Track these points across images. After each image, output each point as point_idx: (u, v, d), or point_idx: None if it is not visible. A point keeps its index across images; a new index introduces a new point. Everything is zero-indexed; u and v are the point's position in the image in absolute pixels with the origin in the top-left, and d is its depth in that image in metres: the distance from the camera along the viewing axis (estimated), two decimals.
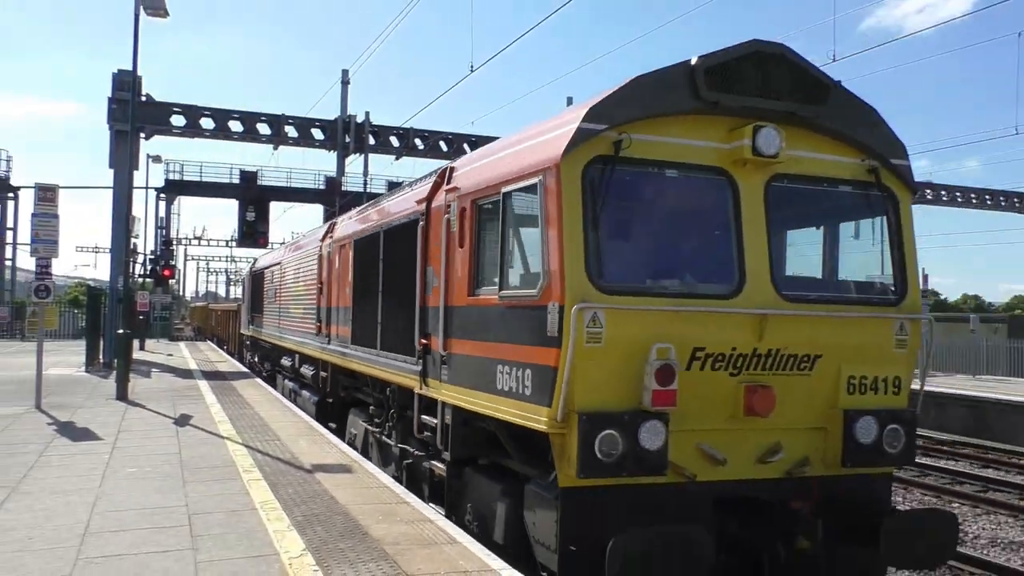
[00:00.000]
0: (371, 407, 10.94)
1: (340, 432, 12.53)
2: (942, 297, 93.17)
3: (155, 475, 8.57)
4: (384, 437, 10.13)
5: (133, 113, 22.87)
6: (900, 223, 6.76)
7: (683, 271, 6.31)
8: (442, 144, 31.64)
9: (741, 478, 6.11)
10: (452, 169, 7.93)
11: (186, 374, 21.71)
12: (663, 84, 5.97)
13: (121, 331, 16.96)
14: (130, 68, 18.61)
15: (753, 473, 6.16)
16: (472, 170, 7.43)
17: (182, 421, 12.58)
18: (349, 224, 12.30)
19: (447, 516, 7.60)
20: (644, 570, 5.30)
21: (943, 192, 41.44)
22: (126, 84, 24.92)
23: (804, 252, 7.36)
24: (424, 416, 8.17)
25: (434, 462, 8.16)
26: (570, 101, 37.45)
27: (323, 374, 13.65)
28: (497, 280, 6.59)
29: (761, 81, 6.12)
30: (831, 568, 6.30)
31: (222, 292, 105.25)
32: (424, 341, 7.99)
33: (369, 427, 10.90)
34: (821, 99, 6.32)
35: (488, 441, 7.17)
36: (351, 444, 11.46)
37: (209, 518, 6.86)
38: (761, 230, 6.15)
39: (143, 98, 26.59)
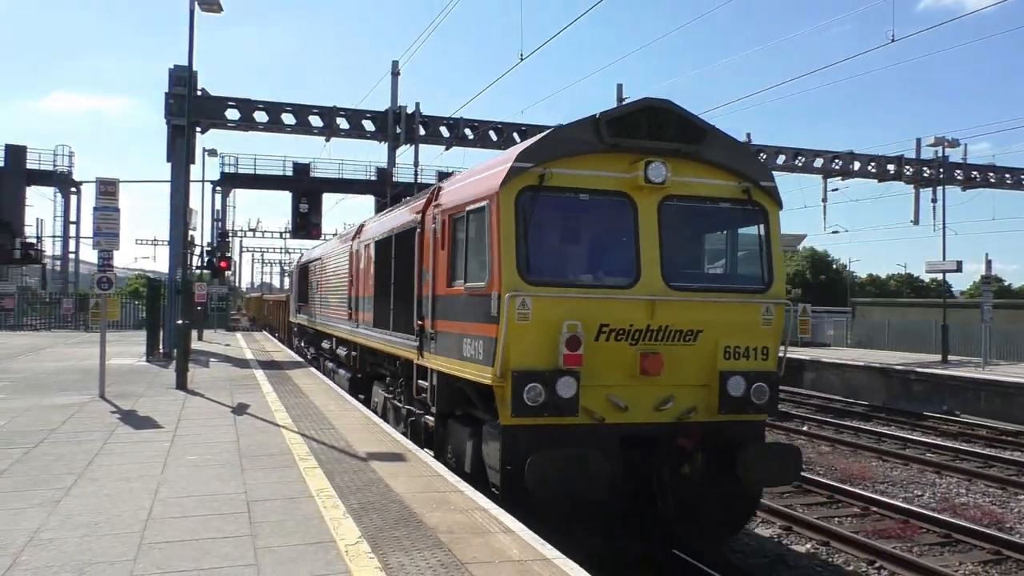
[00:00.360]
0: (387, 378, 13.05)
1: (367, 402, 14.40)
2: (1006, 283, 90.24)
3: (214, 463, 8.74)
4: (396, 401, 12.19)
5: (189, 108, 23.27)
6: (769, 230, 8.60)
7: (594, 268, 8.38)
8: (492, 134, 31.54)
9: (640, 422, 8.00)
10: (439, 189, 9.89)
11: (243, 364, 22.08)
12: (576, 132, 8.00)
13: (180, 322, 17.27)
14: (185, 64, 18.90)
15: (650, 418, 8.03)
16: (450, 191, 9.41)
17: (240, 410, 12.81)
18: (372, 227, 14.48)
19: (436, 457, 9.44)
20: (552, 478, 7.26)
21: (1007, 175, 40.09)
22: (182, 79, 25.32)
23: (698, 252, 9.27)
24: (420, 381, 10.19)
25: (427, 417, 10.22)
26: (620, 89, 37.22)
27: (353, 353, 15.91)
28: (463, 275, 8.60)
29: (652, 127, 8.08)
30: (705, 487, 8.13)
31: (276, 283, 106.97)
32: (420, 322, 9.93)
33: (386, 395, 12.94)
34: (699, 139, 8.27)
35: (463, 397, 9.08)
36: (374, 410, 13.33)
37: (267, 505, 6.97)
38: (654, 237, 8.03)
39: (199, 93, 27.01)
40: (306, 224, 40.98)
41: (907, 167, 36.95)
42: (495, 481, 7.91)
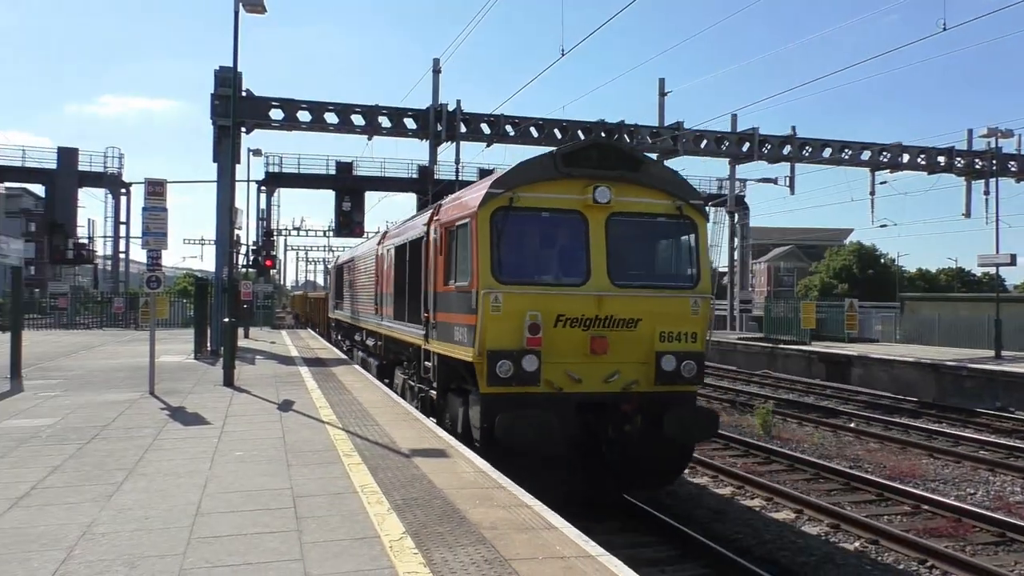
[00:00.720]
0: (404, 363, 15.19)
1: (391, 385, 16.31)
2: None
3: (261, 458, 8.85)
4: (411, 381, 14.27)
5: (234, 109, 23.64)
6: (698, 238, 10.59)
7: (553, 271, 10.30)
8: (532, 130, 31.46)
9: (592, 391, 9.92)
10: (440, 206, 11.95)
11: (288, 361, 22.33)
12: (538, 163, 10.10)
13: (227, 320, 17.51)
14: (230, 65, 19.16)
15: (600, 388, 9.95)
16: (446, 209, 11.44)
17: (285, 406, 12.96)
18: (393, 234, 16.65)
19: (438, 424, 11.28)
20: (514, 431, 9.24)
21: None
22: (227, 81, 25.70)
23: (639, 256, 10.84)
24: (426, 362, 12.43)
25: (431, 391, 12.33)
26: (662, 84, 36.81)
27: (379, 343, 18.19)
28: (454, 276, 10.60)
29: (600, 158, 10.17)
30: (643, 442, 10.09)
31: (320, 281, 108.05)
32: (425, 315, 11.93)
33: (404, 376, 15.06)
34: (637, 168, 10.39)
35: (456, 374, 11.10)
36: (395, 391, 15.22)
37: (312, 501, 7.04)
38: (602, 245, 10.04)
39: (243, 94, 27.37)
40: (349, 222, 41.36)
41: (958, 159, 36.12)
42: (477, 437, 9.90)
